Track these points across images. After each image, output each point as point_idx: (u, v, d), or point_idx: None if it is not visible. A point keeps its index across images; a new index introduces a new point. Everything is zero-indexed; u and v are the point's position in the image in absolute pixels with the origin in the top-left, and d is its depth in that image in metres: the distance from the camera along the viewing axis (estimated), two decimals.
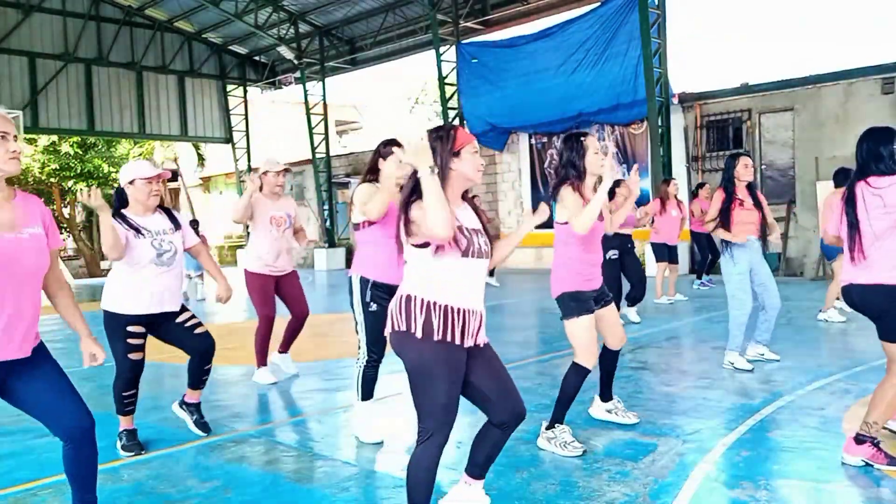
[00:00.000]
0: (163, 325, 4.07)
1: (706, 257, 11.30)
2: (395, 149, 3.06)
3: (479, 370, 2.66)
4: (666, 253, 9.74)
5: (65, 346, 7.35)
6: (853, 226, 3.43)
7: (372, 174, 3.99)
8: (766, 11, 52.55)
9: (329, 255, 21.68)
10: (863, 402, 4.20)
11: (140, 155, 28.78)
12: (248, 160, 24.94)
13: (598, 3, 15.87)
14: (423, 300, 2.53)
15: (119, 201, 4.03)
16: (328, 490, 3.39)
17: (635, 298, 8.09)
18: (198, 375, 4.26)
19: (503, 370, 2.74)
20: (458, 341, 2.55)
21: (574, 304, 3.80)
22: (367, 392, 4.10)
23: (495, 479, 3.35)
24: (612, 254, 7.76)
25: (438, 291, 2.54)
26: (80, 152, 26.72)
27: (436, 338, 2.51)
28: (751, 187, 5.57)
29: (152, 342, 4.10)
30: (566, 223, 3.80)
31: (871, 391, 3.73)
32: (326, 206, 22.10)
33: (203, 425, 4.36)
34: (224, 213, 25.98)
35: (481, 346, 2.68)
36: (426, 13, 18.36)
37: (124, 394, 4.01)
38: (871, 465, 3.35)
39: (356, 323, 4.04)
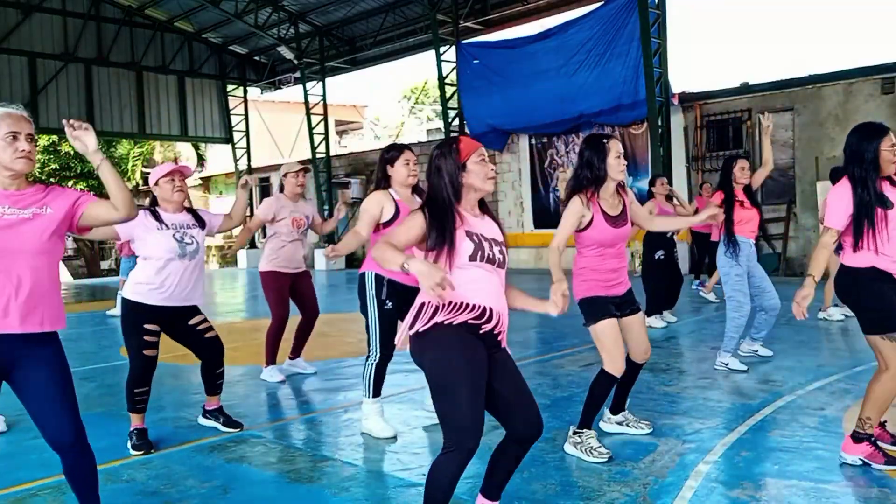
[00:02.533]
0: (178, 324, 4.15)
1: (703, 258, 11.29)
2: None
3: (500, 377, 2.58)
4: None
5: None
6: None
7: (384, 183, 4.12)
8: (766, 11, 52.59)
9: None
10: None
11: (140, 155, 28.78)
12: (248, 160, 24.92)
13: (599, 4, 15.85)
14: (435, 303, 2.50)
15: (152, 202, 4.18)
16: (328, 490, 3.39)
17: (670, 304, 8.06)
18: (210, 381, 4.37)
19: (523, 382, 2.65)
20: (470, 328, 2.49)
21: (590, 309, 3.68)
22: (377, 390, 4.18)
23: None
24: (660, 254, 7.62)
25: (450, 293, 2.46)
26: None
27: (451, 331, 2.47)
28: (748, 189, 5.57)
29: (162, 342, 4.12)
30: (580, 231, 3.66)
31: None
32: (326, 207, 22.09)
33: (233, 423, 4.42)
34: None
35: (501, 347, 2.62)
36: (426, 13, 18.37)
37: (136, 390, 4.04)
38: (870, 465, 3.35)
39: (367, 320, 4.09)
